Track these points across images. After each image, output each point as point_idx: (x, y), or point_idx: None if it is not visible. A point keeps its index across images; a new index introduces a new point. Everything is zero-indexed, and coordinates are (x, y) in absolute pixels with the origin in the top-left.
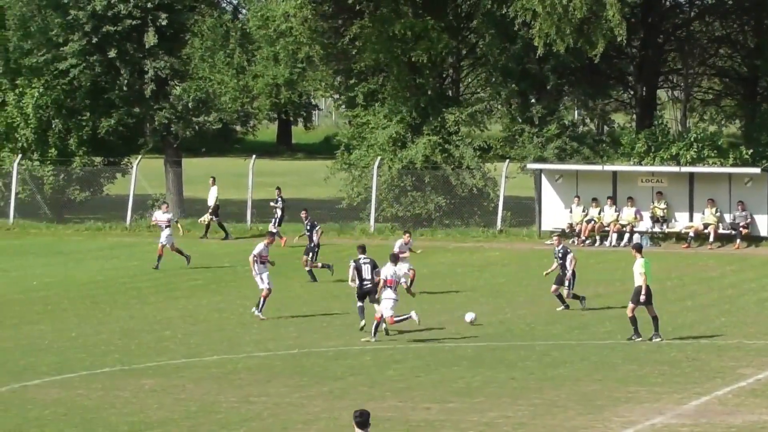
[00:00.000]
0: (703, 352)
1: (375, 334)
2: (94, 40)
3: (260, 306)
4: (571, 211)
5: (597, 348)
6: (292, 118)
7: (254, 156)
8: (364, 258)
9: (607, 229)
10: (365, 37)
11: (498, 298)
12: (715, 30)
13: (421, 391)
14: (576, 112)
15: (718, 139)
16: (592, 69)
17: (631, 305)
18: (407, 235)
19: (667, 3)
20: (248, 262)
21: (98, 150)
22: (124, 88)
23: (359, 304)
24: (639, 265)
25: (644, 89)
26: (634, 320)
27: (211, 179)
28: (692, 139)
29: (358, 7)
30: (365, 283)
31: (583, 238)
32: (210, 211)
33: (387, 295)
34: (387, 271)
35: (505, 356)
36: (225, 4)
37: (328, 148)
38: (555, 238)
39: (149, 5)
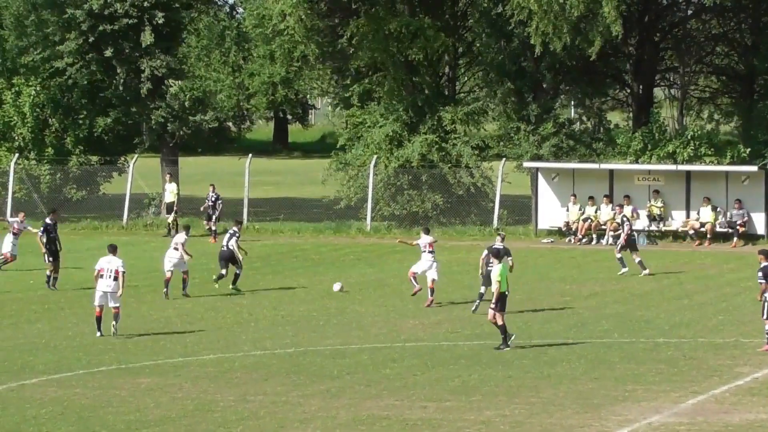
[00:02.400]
0: (700, 351)
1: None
2: (91, 38)
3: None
4: (567, 210)
5: (594, 346)
6: (289, 117)
7: (250, 155)
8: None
9: (603, 227)
10: (361, 36)
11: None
12: (711, 28)
13: (418, 390)
14: (572, 110)
15: (715, 137)
16: (589, 67)
17: (493, 313)
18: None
19: (664, 1)
20: (244, 261)
21: (95, 149)
22: (121, 87)
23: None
24: (496, 272)
25: (641, 87)
26: (503, 327)
27: (168, 176)
28: (689, 137)
29: (353, 6)
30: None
31: (580, 236)
32: (172, 209)
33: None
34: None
35: (502, 355)
36: (221, 3)
37: (324, 146)
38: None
39: (145, 4)
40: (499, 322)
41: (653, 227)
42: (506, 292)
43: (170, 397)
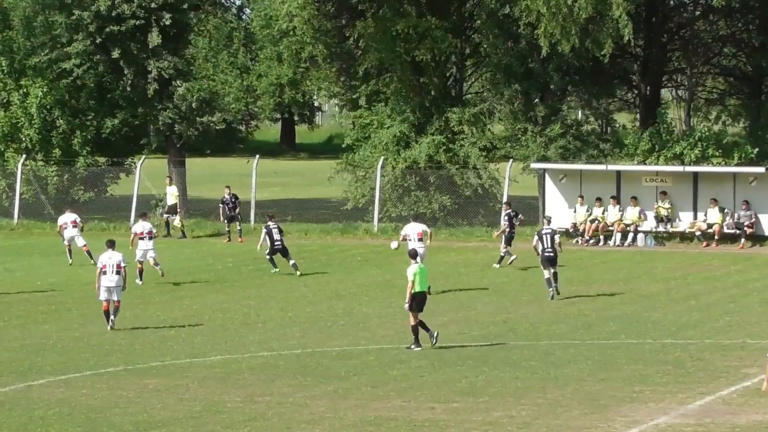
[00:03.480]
0: (707, 352)
1: None
2: (98, 40)
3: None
4: (575, 211)
5: (601, 347)
6: (296, 118)
7: (257, 156)
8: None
9: (611, 228)
10: (368, 37)
11: (502, 297)
12: (719, 29)
13: (426, 391)
14: (579, 111)
15: (723, 139)
16: (596, 68)
17: (411, 314)
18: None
19: (671, 2)
20: (251, 261)
21: (102, 150)
22: (128, 88)
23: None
24: (410, 272)
25: (648, 88)
26: (419, 326)
27: (168, 179)
28: (696, 139)
29: (361, 7)
30: (547, 251)
31: (587, 237)
32: (175, 212)
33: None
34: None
35: (509, 356)
36: (228, 4)
37: (331, 148)
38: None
39: (153, 5)
40: (411, 323)
41: (660, 228)
42: (425, 292)
43: (177, 398)
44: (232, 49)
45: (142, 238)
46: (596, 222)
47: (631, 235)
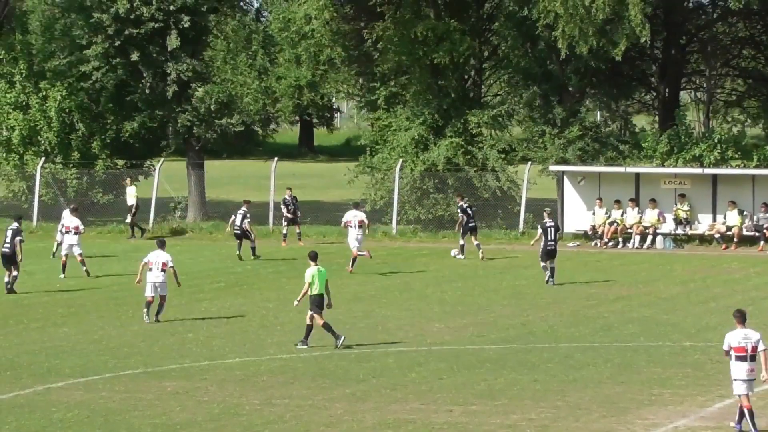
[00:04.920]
0: None
1: None
2: (117, 42)
3: None
4: (593, 213)
5: (620, 350)
6: (315, 120)
7: (276, 158)
8: (549, 221)
9: (629, 231)
10: (387, 39)
11: (520, 300)
12: (738, 31)
13: (444, 394)
14: (598, 113)
15: (742, 141)
16: (615, 70)
17: (314, 314)
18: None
19: (690, 4)
20: (270, 264)
21: (121, 153)
22: (147, 91)
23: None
24: (308, 274)
25: (667, 90)
26: (327, 326)
27: (128, 179)
28: (715, 141)
29: (379, 9)
30: (549, 243)
31: (606, 240)
32: (131, 212)
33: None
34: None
35: (528, 358)
36: (247, 7)
37: (349, 150)
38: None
39: (171, 8)
40: (307, 322)
41: (679, 231)
42: (323, 294)
43: (196, 400)
44: (251, 52)
45: (68, 232)
46: (615, 224)
47: (650, 238)
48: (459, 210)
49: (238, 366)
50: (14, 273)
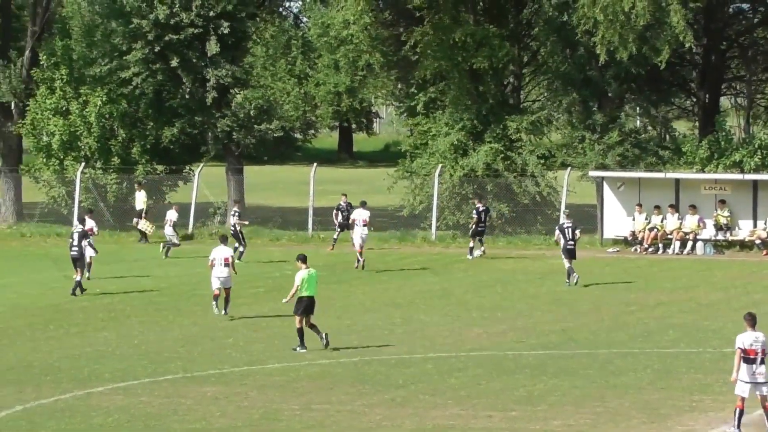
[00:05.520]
0: None
1: None
2: (157, 48)
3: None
4: (633, 219)
5: (660, 356)
6: (353, 126)
7: (315, 164)
8: (567, 222)
9: (669, 236)
10: (426, 45)
11: (560, 306)
12: None
13: (483, 399)
14: (638, 119)
15: None
16: (655, 76)
17: (297, 316)
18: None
19: (730, 9)
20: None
21: (160, 158)
22: (186, 97)
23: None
24: (298, 276)
25: (707, 96)
26: (311, 328)
27: (137, 184)
28: (756, 146)
29: (418, 15)
30: (569, 243)
31: (646, 245)
32: (140, 215)
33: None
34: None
35: (568, 364)
36: (286, 13)
37: (388, 155)
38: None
39: (211, 14)
40: (297, 324)
41: (720, 237)
42: (313, 297)
43: (236, 405)
44: (290, 57)
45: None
46: (655, 230)
47: (690, 244)
48: (475, 212)
49: (278, 371)
50: (77, 277)
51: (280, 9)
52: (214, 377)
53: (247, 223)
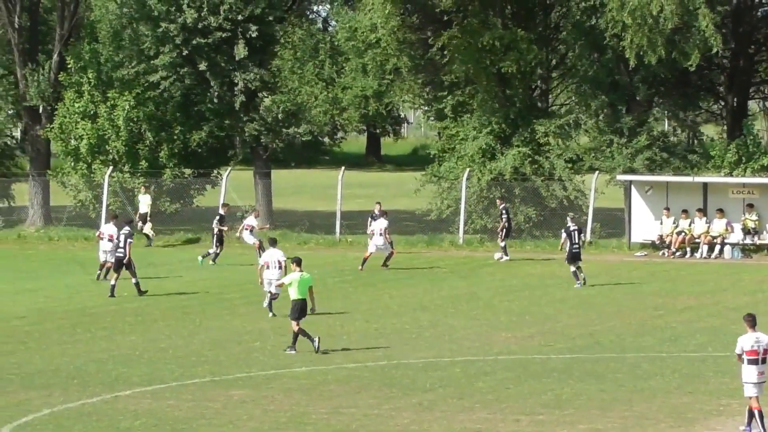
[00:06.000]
0: None
1: None
2: (185, 52)
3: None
4: (661, 223)
5: (688, 360)
6: (379, 131)
7: (343, 168)
8: (573, 225)
9: (697, 240)
10: (454, 49)
11: (587, 309)
12: None
13: (511, 403)
14: (666, 123)
15: None
16: (683, 80)
17: (291, 320)
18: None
19: (759, 13)
20: (336, 273)
21: (188, 162)
22: (215, 100)
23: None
24: (287, 277)
25: (735, 100)
26: (297, 334)
27: (143, 188)
28: None
29: (446, 18)
30: (574, 246)
31: (674, 249)
32: (145, 218)
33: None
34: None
35: (595, 368)
36: (314, 16)
37: (416, 159)
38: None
39: (239, 17)
40: (294, 328)
41: (747, 241)
42: (305, 300)
43: (263, 409)
44: (318, 61)
45: (101, 239)
46: (683, 234)
47: (717, 248)
48: (505, 212)
49: (305, 375)
50: (111, 281)
51: (308, 13)
52: (242, 381)
53: (225, 228)
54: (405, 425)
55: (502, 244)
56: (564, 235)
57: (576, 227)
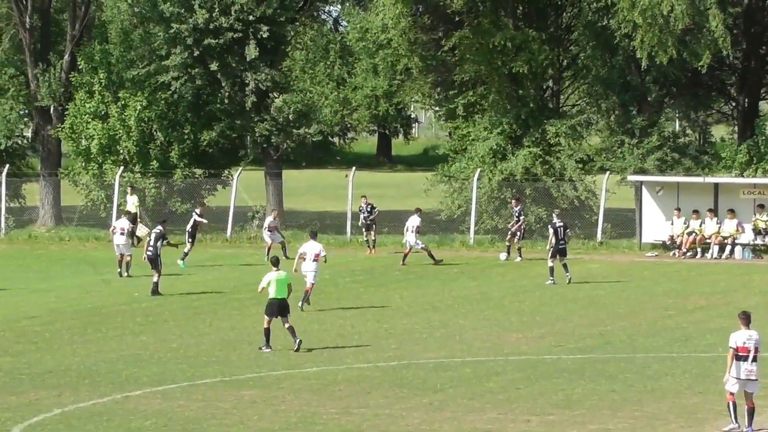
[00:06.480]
0: None
1: None
2: (196, 53)
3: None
4: (672, 223)
5: (698, 360)
6: (389, 131)
7: (354, 168)
8: (559, 222)
9: (708, 241)
10: (465, 49)
11: (598, 310)
12: None
13: (521, 404)
14: (677, 123)
15: None
16: (694, 80)
17: (265, 316)
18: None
19: None
20: (347, 273)
21: (199, 162)
22: (226, 101)
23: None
24: (265, 278)
25: (746, 101)
26: (267, 331)
27: (129, 188)
28: None
29: (457, 19)
30: (560, 243)
31: (685, 250)
32: (135, 221)
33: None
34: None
35: (606, 368)
36: (325, 17)
37: (427, 160)
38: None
39: (250, 18)
40: (265, 324)
41: (758, 241)
42: (285, 299)
43: (273, 409)
44: (329, 62)
45: (114, 233)
46: (693, 234)
47: (728, 248)
48: (520, 213)
49: (315, 375)
50: (155, 278)
51: (320, 13)
52: (252, 381)
53: (205, 221)
54: (415, 425)
55: (517, 245)
56: (551, 231)
57: (561, 224)
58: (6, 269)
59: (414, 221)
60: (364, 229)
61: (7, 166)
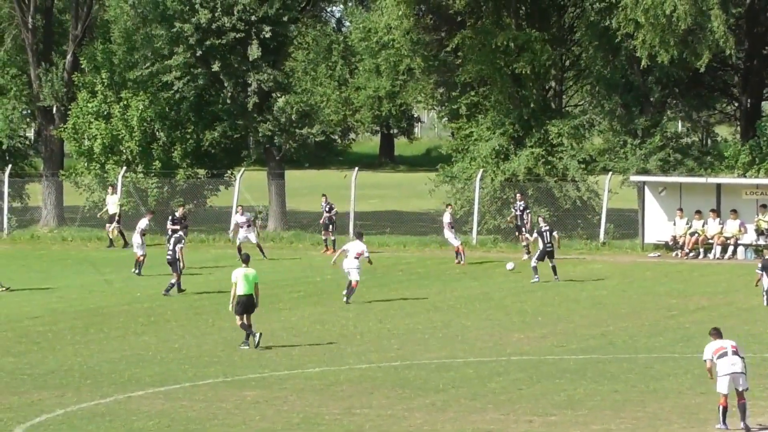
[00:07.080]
0: None
1: None
2: (199, 53)
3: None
4: (674, 224)
5: (701, 361)
6: (393, 131)
7: (356, 168)
8: (545, 226)
9: (710, 241)
10: (467, 49)
11: (600, 310)
12: None
13: (524, 404)
14: (679, 123)
15: None
16: (697, 80)
17: (236, 314)
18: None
19: None
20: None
21: (202, 162)
22: (228, 101)
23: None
24: (233, 275)
25: (749, 101)
26: (244, 326)
27: (110, 188)
28: None
29: (459, 19)
30: (547, 246)
31: (687, 250)
32: (115, 220)
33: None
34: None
35: (608, 369)
36: (328, 17)
37: (429, 160)
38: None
39: (253, 18)
40: (237, 322)
41: (761, 241)
42: (251, 296)
43: (276, 409)
44: (331, 62)
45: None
46: (696, 235)
47: (731, 248)
48: (519, 210)
49: (318, 375)
50: (173, 280)
51: (322, 14)
52: (254, 381)
53: (178, 228)
54: (418, 426)
55: (524, 242)
56: (536, 235)
57: (547, 227)
58: (8, 269)
59: (444, 218)
60: (322, 228)
61: (10, 166)
